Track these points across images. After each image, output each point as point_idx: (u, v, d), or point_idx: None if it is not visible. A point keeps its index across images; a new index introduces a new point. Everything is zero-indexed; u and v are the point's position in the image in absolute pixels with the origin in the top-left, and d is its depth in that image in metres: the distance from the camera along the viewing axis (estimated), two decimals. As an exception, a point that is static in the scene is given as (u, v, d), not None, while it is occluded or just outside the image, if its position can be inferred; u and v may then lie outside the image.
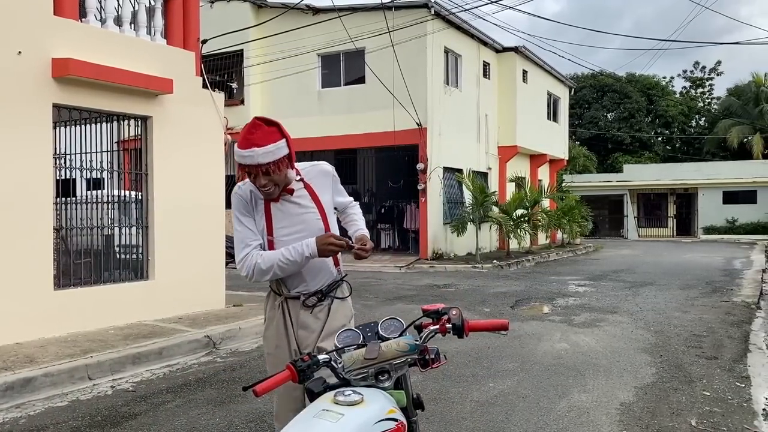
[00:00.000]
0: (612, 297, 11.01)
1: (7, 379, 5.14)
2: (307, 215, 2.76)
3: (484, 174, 21.06)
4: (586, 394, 5.20)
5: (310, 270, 2.74)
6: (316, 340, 2.72)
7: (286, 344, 2.76)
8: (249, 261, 2.67)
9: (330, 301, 2.79)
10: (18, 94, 6.57)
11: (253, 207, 2.73)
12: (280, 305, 2.78)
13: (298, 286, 2.77)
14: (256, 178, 2.58)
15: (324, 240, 2.64)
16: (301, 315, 2.76)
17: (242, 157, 2.54)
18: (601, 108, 45.11)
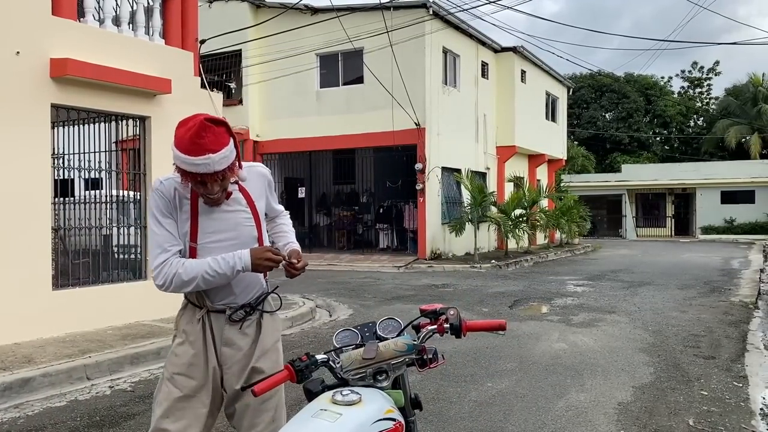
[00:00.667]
0: (610, 297, 11.03)
1: (5, 380, 5.14)
2: (239, 221, 2.45)
3: (483, 174, 21.08)
4: (584, 393, 5.21)
5: (240, 281, 2.44)
6: (244, 358, 2.44)
7: (204, 362, 2.43)
8: (167, 269, 2.32)
9: (259, 316, 2.50)
10: (16, 94, 6.57)
11: (176, 207, 2.40)
12: (201, 319, 2.44)
13: (224, 298, 2.45)
14: (205, 186, 2.28)
15: (260, 254, 2.34)
16: (226, 331, 2.45)
17: (194, 165, 2.20)
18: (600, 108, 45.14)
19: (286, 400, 4.89)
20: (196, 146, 2.19)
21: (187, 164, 2.20)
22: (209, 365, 2.43)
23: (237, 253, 2.34)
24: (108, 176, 8.65)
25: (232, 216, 2.43)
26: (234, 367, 2.44)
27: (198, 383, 2.41)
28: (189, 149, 2.19)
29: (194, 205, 2.40)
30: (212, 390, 2.43)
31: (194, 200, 2.39)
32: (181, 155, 2.20)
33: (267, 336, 2.50)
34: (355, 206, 21.90)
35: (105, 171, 8.29)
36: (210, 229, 2.40)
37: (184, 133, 2.21)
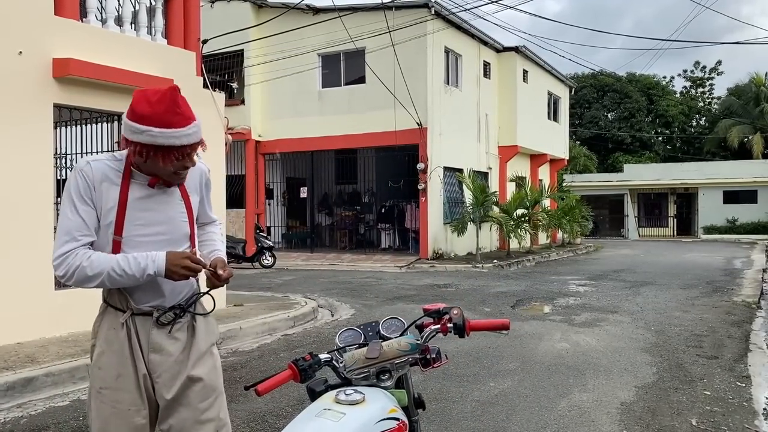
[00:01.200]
0: (612, 297, 11.01)
1: (8, 379, 5.15)
2: (173, 216, 2.23)
3: (485, 174, 21.08)
4: (587, 393, 5.20)
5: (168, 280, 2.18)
6: (175, 365, 2.20)
7: (133, 372, 2.17)
8: (71, 260, 2.06)
9: (191, 318, 2.26)
10: (19, 94, 6.58)
11: (100, 195, 2.13)
12: (125, 324, 2.17)
13: (152, 300, 2.20)
14: (183, 160, 2.10)
15: (176, 259, 2.09)
16: (153, 335, 2.19)
17: (186, 136, 2.05)
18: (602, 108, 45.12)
19: (290, 399, 4.90)
20: (178, 117, 2.03)
21: (176, 138, 2.03)
22: (138, 374, 2.18)
23: (151, 254, 2.10)
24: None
25: (166, 209, 2.22)
26: (164, 375, 2.19)
27: (131, 395, 2.17)
28: (172, 121, 2.02)
29: (124, 192, 2.15)
30: (147, 399, 2.20)
31: (125, 188, 2.15)
32: (164, 131, 2.01)
33: (201, 340, 2.26)
34: (357, 206, 21.91)
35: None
36: (139, 221, 2.16)
37: (154, 107, 2.02)
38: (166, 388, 2.20)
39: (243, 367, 6.16)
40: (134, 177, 2.18)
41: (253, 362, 6.37)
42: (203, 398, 2.23)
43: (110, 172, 2.15)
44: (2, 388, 5.04)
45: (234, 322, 7.64)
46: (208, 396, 2.25)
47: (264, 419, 4.55)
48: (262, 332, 7.76)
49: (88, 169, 2.14)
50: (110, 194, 2.14)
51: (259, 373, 5.83)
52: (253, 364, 6.30)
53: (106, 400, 2.17)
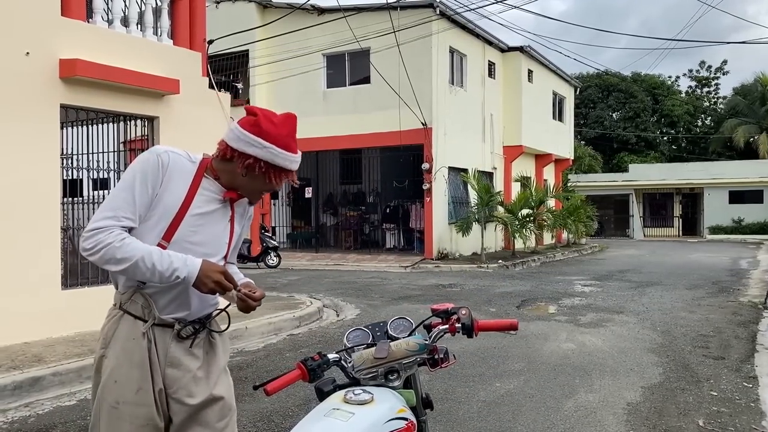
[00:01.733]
0: (618, 297, 10.99)
1: (15, 378, 5.17)
2: (220, 234, 2.19)
3: (490, 174, 21.06)
4: (593, 393, 5.20)
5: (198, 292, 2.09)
6: (192, 381, 2.12)
7: (151, 386, 2.07)
8: (104, 236, 1.96)
9: (208, 335, 2.21)
10: (26, 95, 6.60)
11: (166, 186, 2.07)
12: (146, 334, 2.07)
13: (177, 311, 2.11)
14: (280, 182, 2.14)
15: (210, 271, 2.01)
16: (172, 349, 2.10)
17: (295, 162, 2.12)
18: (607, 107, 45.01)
19: (296, 398, 4.90)
20: (294, 143, 2.10)
21: (290, 161, 2.09)
22: (155, 389, 2.07)
23: (189, 257, 2.00)
24: (116, 176, 8.67)
25: (218, 226, 2.17)
26: (180, 392, 2.10)
27: (149, 410, 2.07)
28: (291, 146, 2.08)
29: (190, 196, 2.09)
30: (163, 416, 2.11)
31: (192, 192, 2.10)
32: (287, 154, 2.07)
33: (220, 358, 2.23)
34: (361, 206, 21.92)
35: (113, 171, 8.32)
36: (191, 229, 2.09)
37: (279, 128, 2.06)
38: (180, 405, 2.11)
39: (249, 367, 6.17)
40: (203, 185, 2.13)
41: (259, 362, 6.38)
42: (221, 417, 2.19)
43: (185, 170, 2.10)
44: (10, 387, 5.06)
45: (240, 321, 7.65)
46: (225, 415, 2.21)
47: (270, 419, 4.56)
48: (268, 332, 7.77)
49: (165, 157, 2.08)
50: (177, 192, 2.07)
51: (265, 372, 5.84)
52: (259, 363, 6.31)
53: (123, 415, 2.04)
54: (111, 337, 2.10)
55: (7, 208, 6.40)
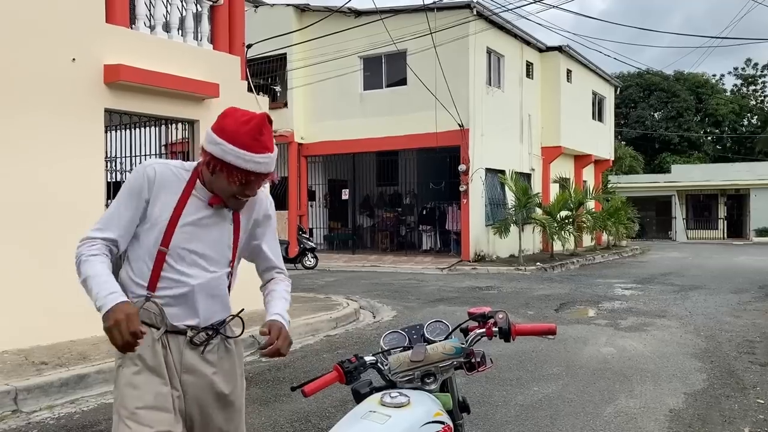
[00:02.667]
0: (660, 301, 10.76)
1: (62, 376, 5.32)
2: (221, 238, 2.17)
3: (528, 175, 20.85)
4: (634, 399, 5.10)
5: (208, 298, 2.13)
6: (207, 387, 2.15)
7: (169, 391, 2.08)
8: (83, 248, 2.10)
9: (222, 341, 2.20)
10: (73, 100, 6.80)
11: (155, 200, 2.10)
12: (160, 341, 2.09)
13: (186, 319, 2.12)
14: (250, 186, 2.07)
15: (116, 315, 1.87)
16: (186, 355, 2.12)
17: (257, 163, 2.01)
18: (648, 107, 44.15)
19: (333, 399, 4.93)
20: (256, 142, 2.00)
21: (245, 161, 1.99)
22: (174, 394, 2.08)
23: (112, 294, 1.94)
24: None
25: (216, 231, 2.15)
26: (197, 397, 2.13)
27: (169, 415, 2.05)
28: (250, 145, 1.99)
29: (181, 204, 2.11)
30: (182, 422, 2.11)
31: (183, 199, 2.12)
32: (238, 150, 1.98)
33: (236, 364, 2.25)
34: (398, 208, 21.93)
35: (155, 174, 8.49)
36: (187, 235, 2.11)
37: (240, 127, 2.00)
38: (197, 409, 2.15)
39: (286, 368, 6.22)
40: (197, 191, 2.14)
41: (296, 363, 6.44)
42: (237, 423, 2.27)
43: (174, 180, 2.12)
44: (57, 384, 5.21)
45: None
46: (238, 420, 2.28)
47: (308, 419, 4.59)
48: (305, 333, 7.84)
49: (151, 171, 2.11)
50: (167, 202, 2.10)
51: (302, 373, 5.89)
52: (296, 364, 6.37)
53: (143, 421, 2.01)
54: None
55: (56, 210, 6.60)
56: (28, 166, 6.39)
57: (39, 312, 6.40)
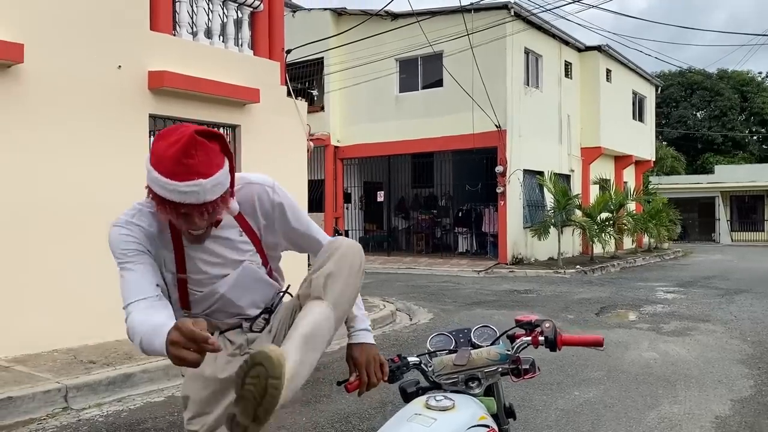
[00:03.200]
0: (704, 305, 10.52)
1: (109, 374, 5.48)
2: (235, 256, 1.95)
3: (567, 176, 20.60)
4: (678, 405, 5.01)
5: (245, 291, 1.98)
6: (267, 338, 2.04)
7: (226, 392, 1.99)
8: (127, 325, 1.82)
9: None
10: (119, 106, 6.99)
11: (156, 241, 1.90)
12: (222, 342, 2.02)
13: (233, 317, 2.03)
14: (187, 219, 1.74)
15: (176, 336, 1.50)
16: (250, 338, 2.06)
17: (179, 193, 1.66)
18: (690, 106, 43.17)
19: (372, 401, 4.97)
20: (181, 167, 1.64)
21: (168, 191, 1.66)
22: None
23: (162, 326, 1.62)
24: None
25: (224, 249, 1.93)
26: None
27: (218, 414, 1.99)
28: (173, 171, 1.64)
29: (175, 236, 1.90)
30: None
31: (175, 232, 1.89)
32: (160, 178, 1.66)
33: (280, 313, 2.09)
34: (433, 210, 21.90)
35: (197, 177, 8.66)
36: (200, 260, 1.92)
37: (165, 149, 1.67)
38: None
39: (325, 368, 6.28)
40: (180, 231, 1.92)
41: (335, 364, 6.48)
42: None
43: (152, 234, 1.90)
44: (104, 382, 5.37)
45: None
46: None
47: (348, 420, 4.64)
48: (343, 334, 7.85)
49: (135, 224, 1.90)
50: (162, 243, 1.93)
51: (341, 374, 5.91)
52: (334, 366, 6.41)
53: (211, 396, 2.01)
54: None
55: (102, 214, 6.76)
56: (77, 170, 6.59)
57: (86, 313, 6.59)
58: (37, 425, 4.63)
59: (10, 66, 6.04)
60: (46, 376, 5.33)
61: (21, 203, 6.16)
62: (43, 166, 6.32)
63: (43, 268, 6.31)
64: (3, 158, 6.03)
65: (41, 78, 6.31)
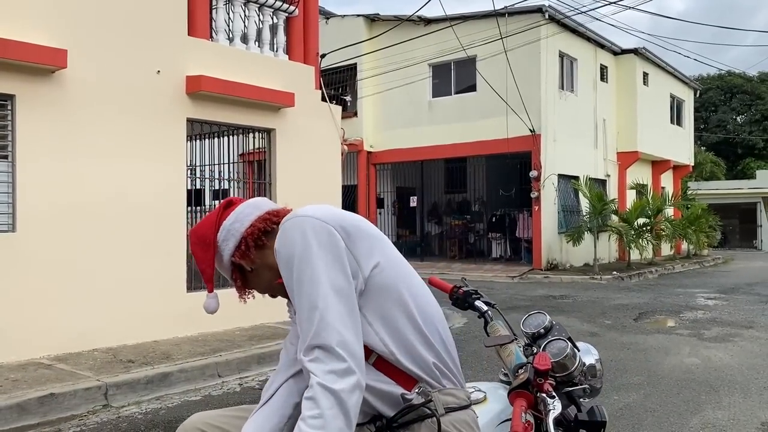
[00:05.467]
0: (746, 311, 10.23)
1: (147, 373, 5.56)
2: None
3: (602, 181, 20.28)
4: (722, 411, 4.87)
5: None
6: None
7: None
8: (357, 386, 1.41)
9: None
10: (158, 110, 7.12)
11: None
12: None
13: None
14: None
15: None
16: None
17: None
18: (730, 110, 42.21)
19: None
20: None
21: None
22: None
23: None
24: (236, 185, 9.13)
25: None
26: None
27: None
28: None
29: None
30: None
31: None
32: None
33: None
34: (466, 215, 21.77)
35: (233, 181, 8.77)
36: None
37: None
38: None
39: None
40: None
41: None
42: None
43: None
44: (143, 381, 5.45)
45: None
46: None
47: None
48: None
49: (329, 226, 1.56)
50: None
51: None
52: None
53: None
54: None
55: (142, 216, 6.92)
56: (117, 173, 6.72)
57: (125, 313, 6.72)
58: (79, 421, 4.72)
59: (54, 71, 6.20)
60: (86, 374, 5.44)
61: (63, 205, 6.31)
62: (85, 169, 6.47)
63: (84, 270, 6.45)
64: (48, 161, 6.19)
65: (83, 83, 6.47)
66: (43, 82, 6.17)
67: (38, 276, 6.12)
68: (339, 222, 1.55)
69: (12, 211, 6.03)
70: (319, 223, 1.52)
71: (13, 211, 6.03)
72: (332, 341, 1.40)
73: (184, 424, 1.75)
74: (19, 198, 6.04)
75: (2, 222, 6.02)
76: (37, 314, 6.07)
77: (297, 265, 1.48)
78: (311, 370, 1.40)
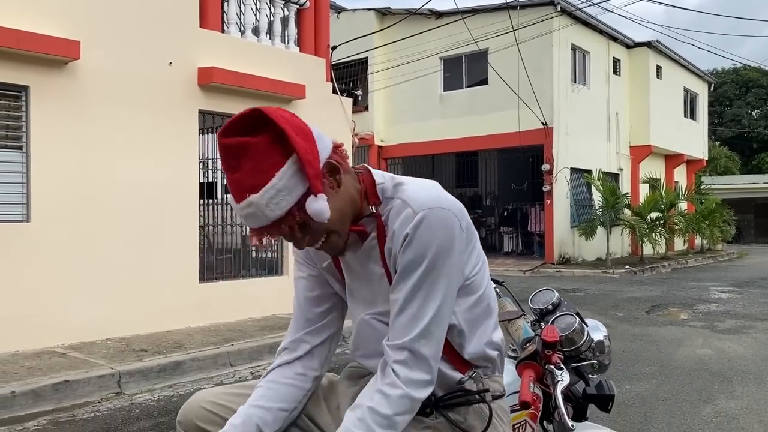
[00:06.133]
0: (761, 304, 10.15)
1: (160, 362, 5.61)
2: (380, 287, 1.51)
3: (615, 175, 20.16)
4: (735, 400, 4.84)
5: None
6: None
7: None
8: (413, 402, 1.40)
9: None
10: (170, 102, 7.16)
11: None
12: None
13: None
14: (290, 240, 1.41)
15: None
16: None
17: (244, 217, 1.35)
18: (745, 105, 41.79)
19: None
20: (231, 185, 1.35)
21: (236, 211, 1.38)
22: None
23: None
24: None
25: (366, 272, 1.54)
26: None
27: None
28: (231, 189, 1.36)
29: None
30: None
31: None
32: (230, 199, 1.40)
33: None
34: (478, 209, 21.72)
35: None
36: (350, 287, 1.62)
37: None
38: None
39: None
40: None
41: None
42: None
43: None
44: (156, 369, 5.49)
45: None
46: None
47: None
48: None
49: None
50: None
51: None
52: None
53: None
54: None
55: (154, 207, 6.97)
56: (129, 164, 6.77)
57: (138, 303, 6.77)
58: (92, 407, 4.77)
59: (68, 62, 6.25)
60: (100, 362, 5.49)
61: (76, 196, 6.36)
62: (97, 160, 6.52)
63: (97, 260, 6.50)
64: (61, 151, 6.25)
65: (96, 74, 6.51)
66: (56, 73, 6.23)
67: (52, 266, 6.18)
68: (466, 219, 1.48)
69: (26, 201, 6.10)
70: (459, 228, 1.43)
71: (27, 201, 6.10)
72: (428, 353, 1.41)
73: (188, 402, 1.76)
74: (33, 189, 6.10)
75: (16, 212, 6.08)
76: (52, 304, 6.14)
77: (428, 263, 1.39)
78: (395, 370, 1.39)
